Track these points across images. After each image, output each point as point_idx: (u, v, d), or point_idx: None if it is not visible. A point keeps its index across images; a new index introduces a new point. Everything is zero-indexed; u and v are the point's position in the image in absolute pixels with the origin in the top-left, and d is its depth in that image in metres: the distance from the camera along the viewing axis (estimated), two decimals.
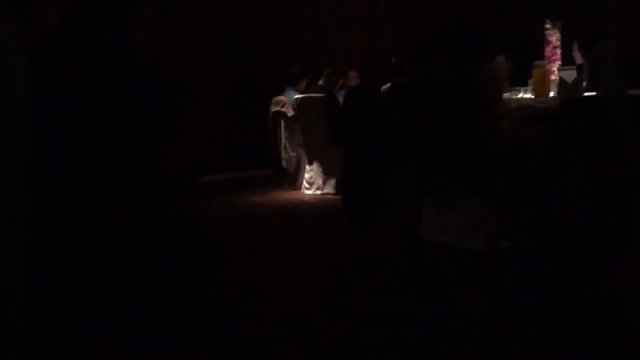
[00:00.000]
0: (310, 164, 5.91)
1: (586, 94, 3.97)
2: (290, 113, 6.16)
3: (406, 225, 3.85)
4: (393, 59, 6.14)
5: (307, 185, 5.92)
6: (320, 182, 5.81)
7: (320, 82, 6.64)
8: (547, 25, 4.61)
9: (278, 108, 6.34)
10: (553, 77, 4.36)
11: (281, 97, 6.38)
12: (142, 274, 1.82)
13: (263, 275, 3.26)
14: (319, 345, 2.29)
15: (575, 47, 4.75)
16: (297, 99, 5.98)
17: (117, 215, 1.70)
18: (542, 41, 4.87)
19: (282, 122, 6.32)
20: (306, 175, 5.95)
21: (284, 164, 6.34)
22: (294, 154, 6.23)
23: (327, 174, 5.74)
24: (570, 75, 4.30)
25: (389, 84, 4.54)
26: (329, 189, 5.69)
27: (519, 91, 4.25)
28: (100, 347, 1.70)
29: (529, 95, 4.19)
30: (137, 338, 1.79)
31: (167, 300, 1.83)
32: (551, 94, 4.18)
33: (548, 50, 4.64)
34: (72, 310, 1.64)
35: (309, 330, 2.45)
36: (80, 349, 1.69)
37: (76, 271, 1.65)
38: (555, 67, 4.44)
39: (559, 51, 4.56)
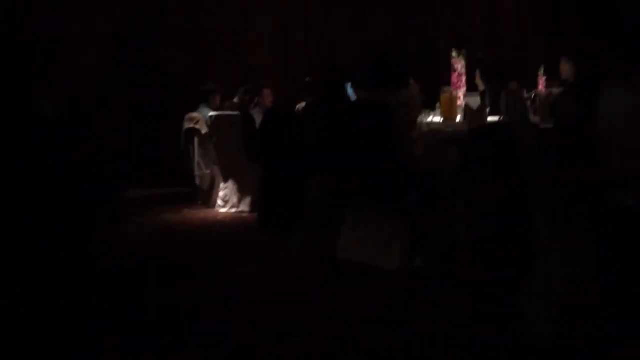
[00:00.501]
0: (225, 181, 5.87)
1: (489, 118, 4.25)
2: (204, 130, 6.11)
3: (323, 243, 3.92)
4: (307, 79, 6.25)
5: (221, 204, 5.87)
6: (235, 200, 5.78)
7: (236, 99, 6.63)
8: (453, 54, 4.87)
9: (192, 125, 6.26)
10: (459, 102, 4.61)
11: (195, 114, 6.31)
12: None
13: (177, 299, 3.20)
14: None
15: (478, 74, 5.07)
16: (211, 116, 5.94)
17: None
18: (448, 68, 5.15)
19: (196, 139, 6.24)
20: (221, 193, 5.91)
21: (197, 181, 6.26)
22: (207, 171, 6.17)
23: (242, 192, 5.73)
24: (475, 100, 4.57)
25: (304, 103, 4.62)
26: (245, 207, 5.68)
27: (428, 114, 4.47)
28: None
29: (438, 119, 4.41)
30: None
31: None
32: (458, 117, 4.43)
33: (454, 77, 4.90)
34: None
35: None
36: None
37: None
38: (461, 93, 4.70)
39: (464, 78, 4.83)
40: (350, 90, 4.87)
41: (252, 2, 7.86)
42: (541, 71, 5.14)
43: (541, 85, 5.06)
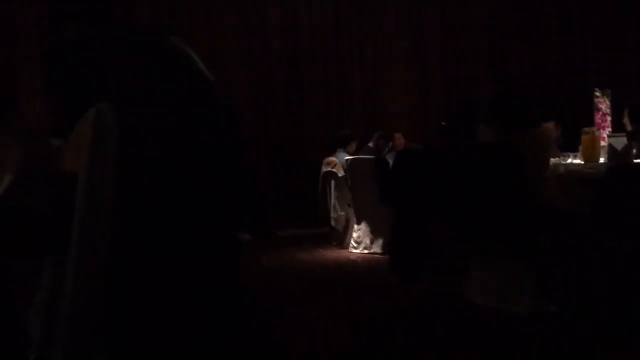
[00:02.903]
0: (358, 223, 5.99)
1: (637, 160, 3.96)
2: (341, 174, 6.31)
3: (452, 286, 3.85)
4: (443, 123, 6.25)
5: (355, 245, 5.98)
6: (368, 241, 5.87)
7: (371, 144, 6.79)
8: (597, 93, 4.65)
9: (329, 169, 6.51)
10: (603, 143, 4.36)
11: (332, 158, 6.56)
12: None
13: (302, 330, 3.32)
14: None
15: (626, 114, 4.77)
16: (347, 160, 6.14)
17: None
18: (592, 108, 4.90)
19: (333, 182, 6.47)
20: (354, 235, 6.03)
21: (333, 223, 6.45)
22: (343, 213, 6.34)
23: (375, 233, 5.80)
24: (621, 142, 4.29)
25: (437, 147, 4.64)
26: (377, 248, 5.74)
27: (569, 157, 4.27)
28: None
29: (578, 161, 4.20)
30: None
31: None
32: (601, 160, 4.18)
33: (598, 117, 4.66)
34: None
35: None
36: None
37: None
38: (605, 134, 4.45)
39: (609, 118, 4.58)
40: (481, 130, 4.80)
41: (386, 44, 8.02)
42: None
43: None
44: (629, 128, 4.65)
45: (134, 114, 1.53)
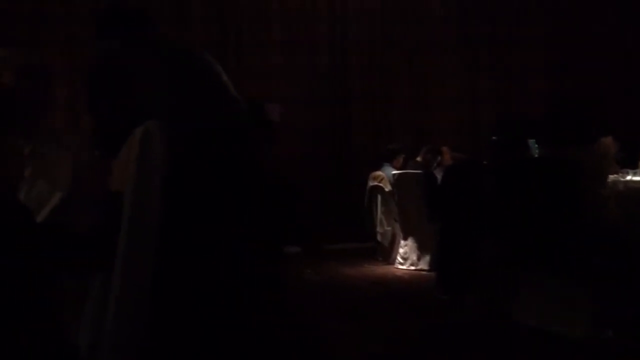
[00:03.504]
0: (405, 239, 5.90)
1: None
2: (388, 188, 6.25)
3: (500, 306, 3.73)
4: (493, 137, 6.11)
5: (401, 260, 5.89)
6: (414, 257, 5.77)
7: (418, 158, 6.70)
8: None
9: (376, 183, 6.45)
10: None
11: (379, 173, 6.50)
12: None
13: (344, 345, 3.27)
14: None
15: None
16: (394, 174, 6.07)
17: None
18: None
19: (379, 197, 6.40)
20: (400, 250, 5.94)
21: (379, 237, 6.37)
22: (389, 228, 6.26)
23: (421, 249, 5.70)
24: None
25: (488, 162, 4.53)
26: (423, 265, 5.64)
27: (628, 173, 4.10)
28: None
29: (638, 178, 4.03)
30: None
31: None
32: None
33: None
34: None
35: None
36: None
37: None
38: None
39: None
40: (534, 145, 4.67)
41: (435, 58, 7.94)
42: None
43: None
44: None
45: (178, 132, 1.54)
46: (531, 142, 4.49)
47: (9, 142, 1.25)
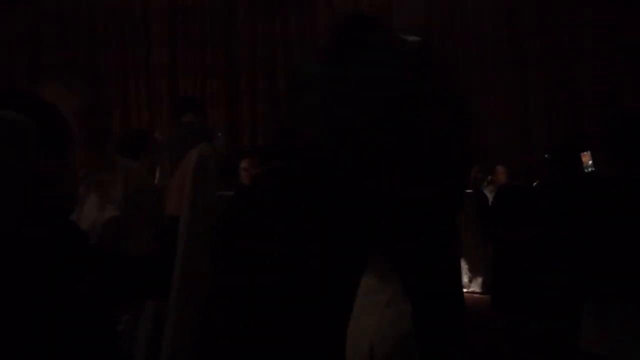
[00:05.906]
0: None
1: None
2: None
3: (561, 334, 3.54)
4: (546, 155, 5.92)
5: None
6: (466, 279, 5.61)
7: None
8: None
9: None
10: None
11: None
12: None
13: None
14: None
15: None
16: None
17: None
18: None
19: None
20: None
21: None
22: None
23: (473, 272, 5.54)
24: None
25: (541, 181, 4.36)
26: (476, 287, 5.47)
27: None
28: None
29: None
30: None
31: None
32: None
33: None
34: None
35: None
36: None
37: None
38: None
39: None
40: (592, 162, 4.49)
41: (486, 74, 7.80)
42: None
43: None
44: None
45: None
46: (590, 158, 4.31)
47: (70, 160, 1.21)
